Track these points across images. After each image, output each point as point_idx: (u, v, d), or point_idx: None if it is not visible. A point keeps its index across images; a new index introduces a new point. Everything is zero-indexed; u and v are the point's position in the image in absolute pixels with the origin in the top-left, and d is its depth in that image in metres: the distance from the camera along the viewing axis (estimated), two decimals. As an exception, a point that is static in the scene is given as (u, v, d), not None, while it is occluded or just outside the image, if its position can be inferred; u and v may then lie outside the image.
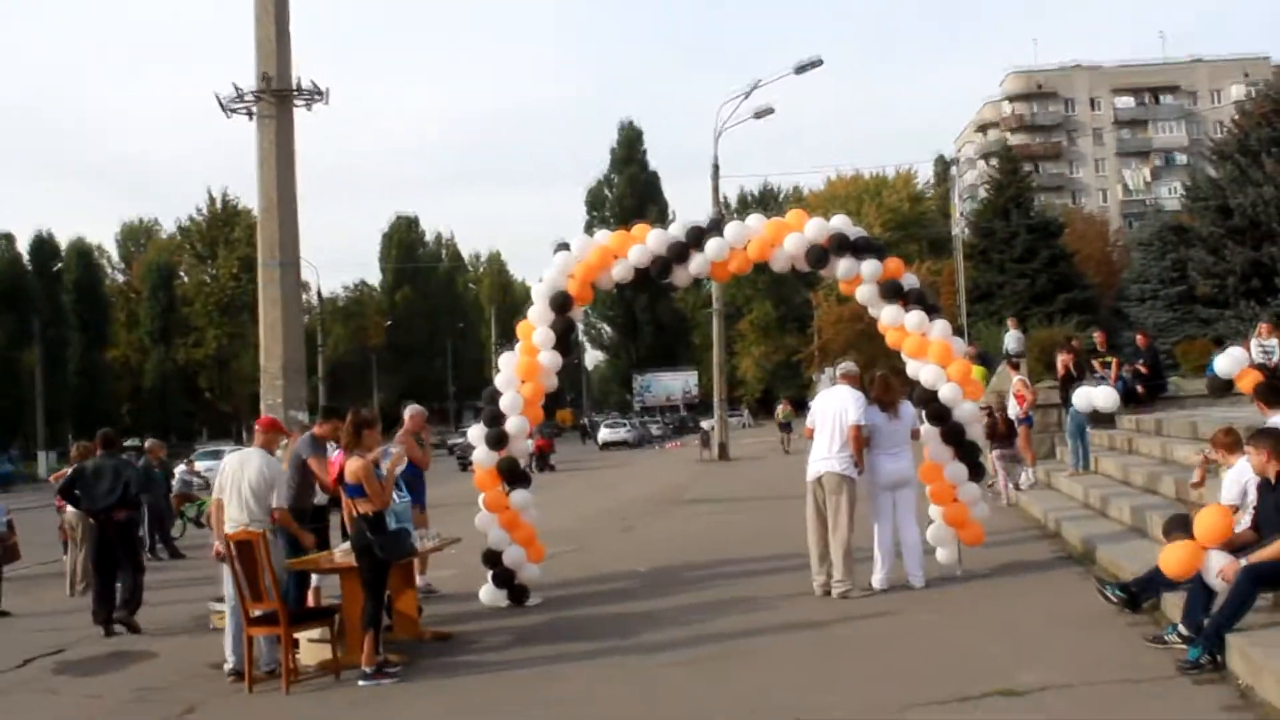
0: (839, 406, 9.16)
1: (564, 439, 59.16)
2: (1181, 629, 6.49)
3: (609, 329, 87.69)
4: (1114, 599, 7.52)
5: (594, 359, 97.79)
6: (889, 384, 9.48)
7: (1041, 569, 9.81)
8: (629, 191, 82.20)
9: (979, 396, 10.37)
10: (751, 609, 8.91)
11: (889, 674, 6.76)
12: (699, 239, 9.97)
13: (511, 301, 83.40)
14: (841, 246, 9.83)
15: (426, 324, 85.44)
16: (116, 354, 70.85)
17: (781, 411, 37.41)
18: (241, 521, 7.78)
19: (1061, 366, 16.66)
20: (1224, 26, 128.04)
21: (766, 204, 70.03)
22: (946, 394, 9.64)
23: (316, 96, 13.39)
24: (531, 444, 11.75)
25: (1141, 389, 16.63)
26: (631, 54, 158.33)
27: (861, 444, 9.09)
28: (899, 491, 9.37)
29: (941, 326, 9.83)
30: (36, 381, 55.03)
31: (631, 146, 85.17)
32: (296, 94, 13.23)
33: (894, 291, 9.83)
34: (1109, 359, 16.68)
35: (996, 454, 14.77)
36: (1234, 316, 35.10)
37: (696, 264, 10.02)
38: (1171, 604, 7.04)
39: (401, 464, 8.26)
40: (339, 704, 7.15)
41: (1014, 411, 15.46)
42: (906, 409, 9.57)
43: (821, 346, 56.24)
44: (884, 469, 9.29)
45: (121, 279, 79.64)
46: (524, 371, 10.03)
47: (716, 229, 10.10)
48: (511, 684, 7.32)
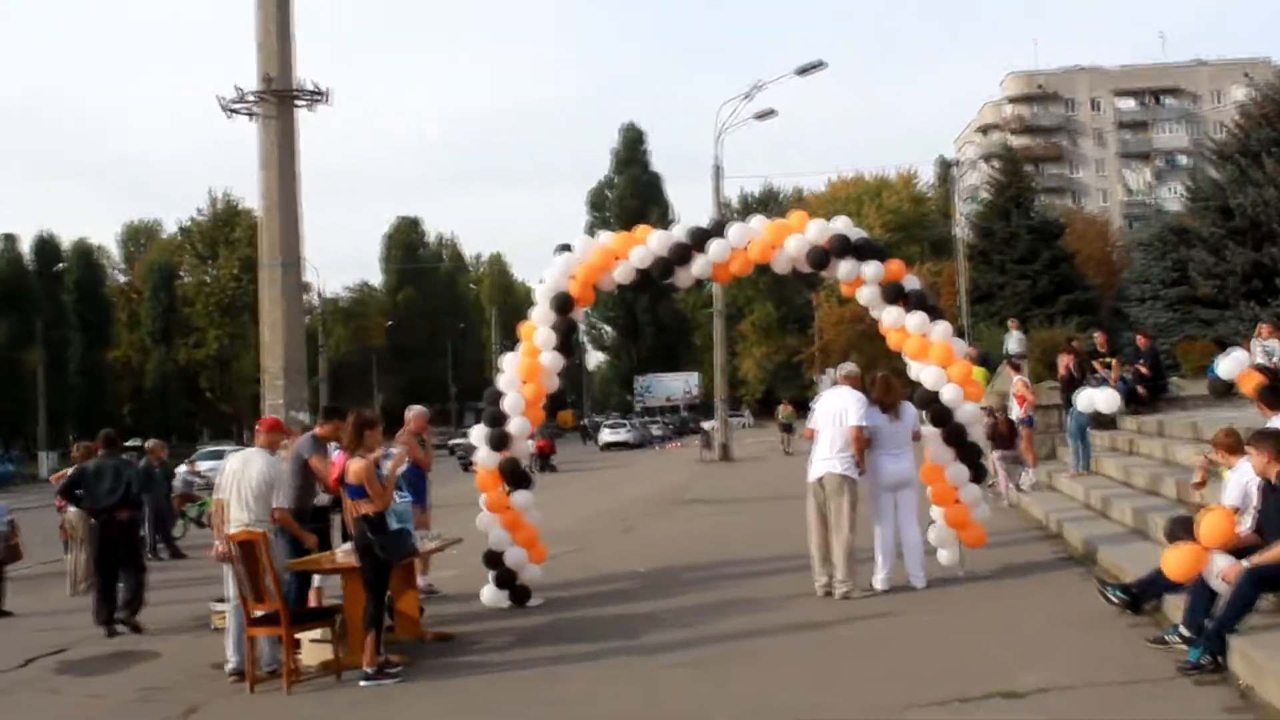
0: (840, 407, 9.17)
1: (565, 440, 59.00)
2: (1183, 630, 6.49)
3: (610, 330, 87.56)
4: (1115, 600, 7.53)
5: (595, 360, 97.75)
6: (890, 385, 9.48)
7: (1043, 570, 9.81)
8: (631, 193, 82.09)
9: (980, 398, 10.38)
10: (753, 610, 8.91)
11: (890, 675, 6.76)
12: (701, 240, 9.98)
13: (513, 302, 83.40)
14: (843, 248, 9.84)
15: (428, 325, 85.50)
16: (118, 354, 70.97)
17: (783, 412, 37.37)
18: (243, 521, 7.78)
19: (1062, 367, 16.64)
20: (1225, 28, 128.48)
21: (768, 205, 70.02)
22: (948, 395, 9.65)
23: (318, 97, 13.41)
24: (533, 445, 11.75)
25: (1142, 390, 16.64)
26: (632, 54, 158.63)
27: (863, 445, 9.09)
28: (900, 492, 9.37)
29: (943, 328, 9.85)
30: (38, 382, 55.12)
31: (633, 147, 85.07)
32: (298, 95, 13.25)
33: (896, 293, 9.83)
34: (1110, 360, 16.67)
35: (998, 455, 14.77)
36: (1234, 317, 35.04)
37: (698, 265, 10.03)
38: (1173, 605, 7.04)
39: (403, 464, 8.28)
40: (340, 704, 7.15)
41: (1015, 413, 15.49)
42: (908, 410, 9.57)
43: (823, 347, 56.28)
44: (885, 470, 9.29)
45: (123, 279, 79.67)
46: (526, 372, 10.04)
47: (718, 230, 10.11)
48: (513, 685, 7.32)
